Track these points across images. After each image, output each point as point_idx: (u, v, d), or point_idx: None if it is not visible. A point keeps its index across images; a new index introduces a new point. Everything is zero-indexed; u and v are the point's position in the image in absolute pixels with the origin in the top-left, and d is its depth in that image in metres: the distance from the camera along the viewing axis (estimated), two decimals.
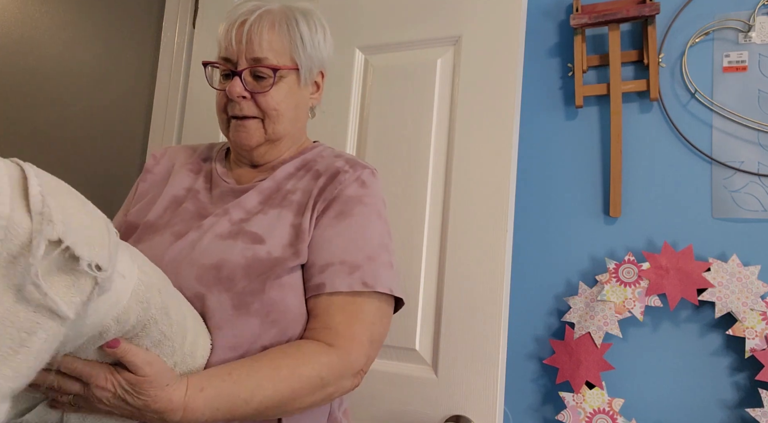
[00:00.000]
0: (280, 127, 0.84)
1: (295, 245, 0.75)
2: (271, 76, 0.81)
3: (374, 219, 0.79)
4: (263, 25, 0.82)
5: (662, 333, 1.08)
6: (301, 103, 0.87)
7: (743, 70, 1.09)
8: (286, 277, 0.74)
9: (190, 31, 1.50)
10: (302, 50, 0.84)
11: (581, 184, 1.18)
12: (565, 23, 1.24)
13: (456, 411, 1.01)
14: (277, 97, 0.82)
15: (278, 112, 0.83)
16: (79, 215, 0.48)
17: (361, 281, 0.73)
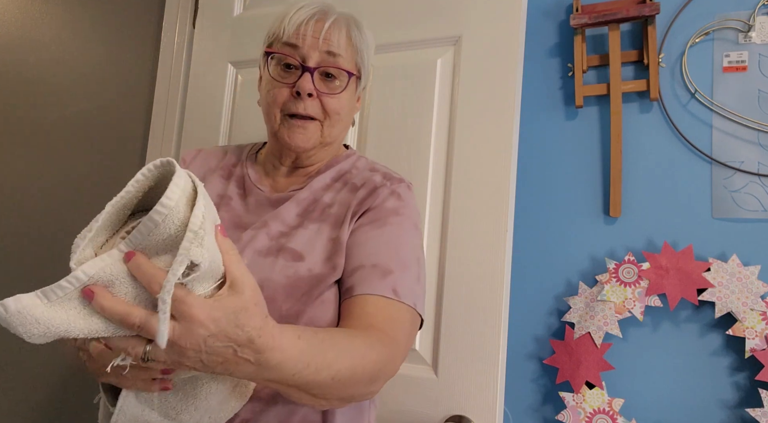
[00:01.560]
0: (336, 132, 0.83)
1: (333, 260, 0.74)
2: (344, 78, 0.80)
3: (410, 229, 0.78)
4: (342, 26, 0.81)
5: (662, 333, 1.08)
6: (352, 112, 0.87)
7: (743, 70, 1.09)
8: (328, 294, 0.73)
9: (190, 31, 1.50)
10: (365, 58, 0.85)
11: (581, 184, 1.18)
12: (565, 23, 1.24)
13: (456, 411, 1.01)
14: (341, 102, 0.81)
15: (340, 117, 0.82)
16: (214, 247, 0.49)
17: (392, 288, 0.71)
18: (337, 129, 0.83)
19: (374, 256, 0.73)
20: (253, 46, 1.34)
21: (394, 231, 0.76)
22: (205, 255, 0.47)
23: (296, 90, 0.78)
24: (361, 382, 0.62)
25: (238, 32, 1.37)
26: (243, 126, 1.33)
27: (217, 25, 1.41)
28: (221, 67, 1.38)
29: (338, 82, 0.81)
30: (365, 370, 0.61)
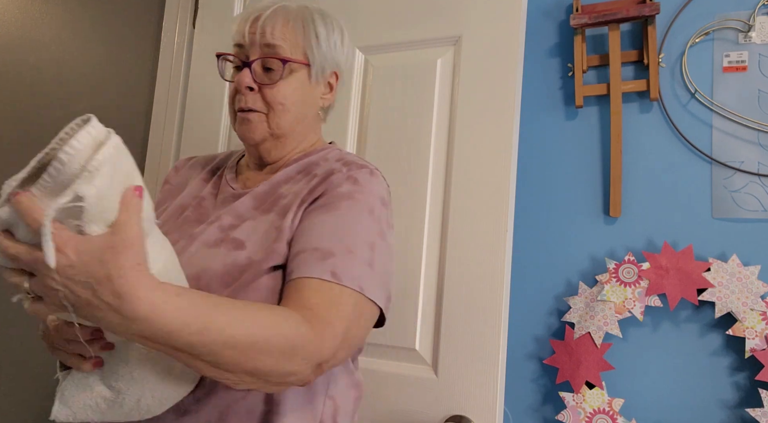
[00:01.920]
0: (285, 123, 0.82)
1: (271, 246, 0.72)
2: (280, 68, 0.80)
3: (362, 214, 0.74)
4: (278, 18, 0.81)
5: (662, 333, 1.08)
6: (310, 102, 0.85)
7: (743, 70, 1.09)
8: (264, 279, 0.71)
9: (190, 31, 1.50)
10: (316, 47, 0.83)
11: (581, 184, 1.18)
12: (565, 23, 1.24)
13: (456, 411, 1.01)
14: (284, 91, 0.81)
15: (284, 107, 0.81)
16: (111, 194, 0.51)
17: (330, 270, 0.67)
18: (286, 120, 0.82)
19: (317, 240, 0.70)
20: None
21: (343, 215, 0.73)
22: (92, 191, 0.48)
23: (236, 85, 0.81)
24: (267, 354, 0.58)
25: None
26: None
27: (217, 25, 1.41)
28: None
29: (276, 73, 0.81)
30: (271, 342, 0.58)
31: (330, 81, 0.88)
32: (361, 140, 1.20)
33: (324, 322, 0.64)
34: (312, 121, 0.88)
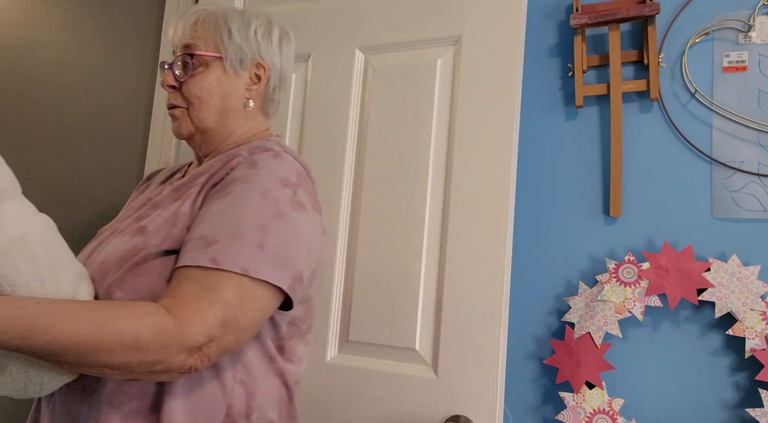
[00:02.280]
0: (206, 116, 0.85)
1: (165, 231, 0.73)
2: (190, 62, 0.85)
3: (254, 197, 0.72)
4: (191, 19, 0.87)
5: (662, 333, 1.08)
6: (232, 93, 0.87)
7: (743, 70, 1.09)
8: (156, 263, 0.72)
9: None
10: (228, 40, 0.86)
11: (581, 184, 1.18)
12: (565, 23, 1.24)
13: (456, 411, 1.01)
14: (199, 85, 0.85)
15: (200, 100, 0.85)
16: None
17: (211, 257, 0.67)
18: (207, 113, 0.85)
19: (204, 228, 0.71)
20: None
21: (233, 199, 0.72)
22: None
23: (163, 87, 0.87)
24: (111, 348, 0.60)
25: None
26: None
27: None
28: None
29: (188, 68, 0.86)
30: (105, 338, 0.60)
31: (256, 72, 0.89)
32: (361, 140, 1.20)
33: (189, 310, 0.64)
34: (239, 113, 0.89)
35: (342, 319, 1.15)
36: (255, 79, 0.89)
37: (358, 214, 1.17)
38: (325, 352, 1.14)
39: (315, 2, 1.30)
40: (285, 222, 0.73)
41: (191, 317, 0.64)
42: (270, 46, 0.90)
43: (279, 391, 0.80)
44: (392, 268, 1.11)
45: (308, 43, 1.28)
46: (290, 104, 1.28)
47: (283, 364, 0.81)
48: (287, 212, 0.74)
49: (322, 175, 1.21)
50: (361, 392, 1.09)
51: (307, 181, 0.80)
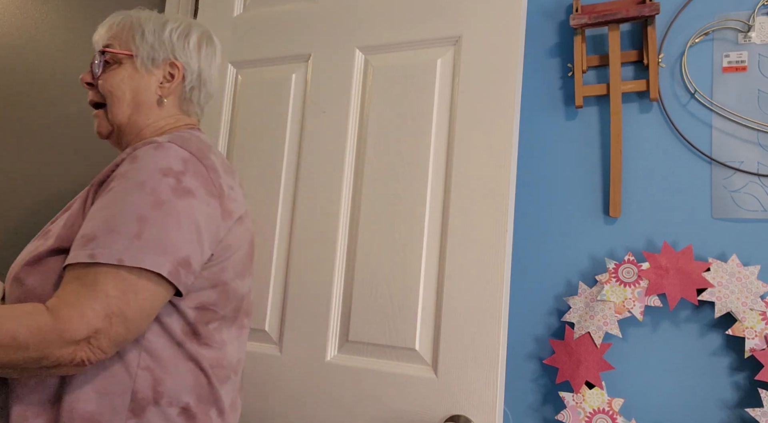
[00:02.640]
0: (118, 112, 0.90)
1: (61, 231, 0.77)
2: (102, 60, 0.90)
3: (131, 191, 0.74)
4: (108, 22, 0.93)
5: (662, 333, 1.08)
6: (143, 90, 0.92)
7: (743, 70, 1.10)
8: (50, 263, 0.76)
9: None
10: (140, 38, 0.91)
11: (581, 184, 1.18)
12: (564, 23, 1.24)
13: (456, 411, 1.02)
14: (110, 81, 0.89)
15: (112, 95, 0.89)
16: None
17: (89, 253, 0.70)
18: (120, 108, 0.90)
19: (86, 227, 0.73)
20: (253, 46, 1.35)
21: (112, 195, 0.75)
22: None
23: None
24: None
25: (238, 32, 1.38)
26: (243, 126, 1.33)
27: (217, 25, 1.41)
28: (221, 67, 1.38)
29: (101, 65, 0.91)
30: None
31: (170, 71, 0.94)
32: (361, 140, 1.20)
33: (68, 306, 0.68)
34: (152, 109, 0.93)
35: (342, 319, 1.15)
36: (169, 77, 0.94)
37: (358, 214, 1.17)
38: (325, 352, 1.14)
39: (315, 2, 1.30)
40: (165, 210, 0.74)
41: (69, 313, 0.68)
42: (186, 47, 0.95)
43: (194, 376, 0.81)
44: (392, 268, 1.11)
45: (308, 43, 1.28)
46: (290, 104, 1.28)
47: (197, 349, 0.82)
48: (168, 200, 0.75)
49: (322, 175, 1.21)
50: (361, 392, 1.09)
51: (198, 167, 0.80)
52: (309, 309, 1.17)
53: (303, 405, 1.13)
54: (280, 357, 1.18)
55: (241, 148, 1.32)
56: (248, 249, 0.90)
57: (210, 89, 1.00)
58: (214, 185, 0.81)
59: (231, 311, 0.87)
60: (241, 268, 0.88)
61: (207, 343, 0.83)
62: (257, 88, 1.33)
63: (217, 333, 0.85)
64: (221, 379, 0.85)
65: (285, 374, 1.16)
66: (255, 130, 1.31)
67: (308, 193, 1.22)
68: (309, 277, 1.18)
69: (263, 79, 1.33)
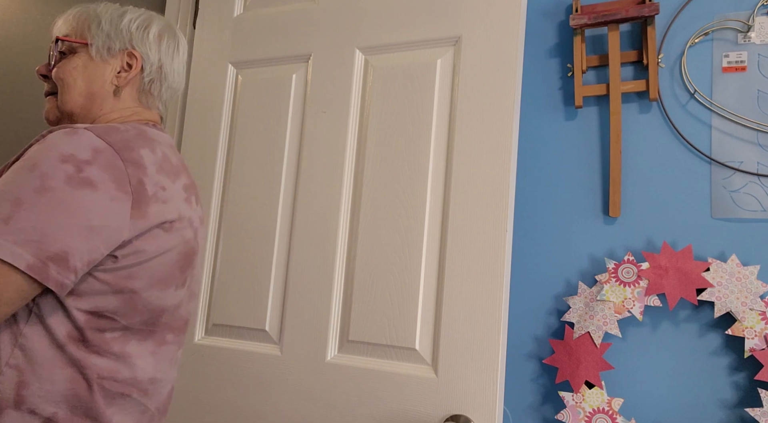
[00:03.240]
0: (68, 99, 0.89)
1: None
2: (55, 48, 0.90)
3: (21, 172, 0.70)
4: (66, 14, 0.93)
5: (662, 333, 1.08)
6: (96, 79, 0.90)
7: (742, 70, 1.10)
8: None
9: (190, 31, 1.51)
10: (96, 27, 0.90)
11: (581, 184, 1.18)
12: (564, 24, 1.24)
13: (456, 410, 1.02)
14: (63, 69, 0.89)
15: (64, 83, 0.89)
16: None
17: None
18: (70, 96, 0.89)
19: None
20: (253, 47, 1.35)
21: (5, 177, 0.71)
22: None
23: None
24: None
25: (238, 32, 1.38)
26: (243, 126, 1.33)
27: (217, 25, 1.41)
28: (221, 67, 1.38)
29: (55, 54, 0.91)
30: None
31: (128, 61, 0.92)
32: (361, 140, 1.20)
33: None
34: (107, 99, 0.91)
35: (342, 318, 1.15)
36: (126, 67, 0.92)
37: (358, 214, 1.17)
38: (325, 352, 1.14)
39: (315, 2, 1.30)
40: (48, 198, 0.69)
41: None
42: (144, 38, 0.93)
43: (71, 384, 0.74)
44: (392, 268, 1.11)
45: (308, 43, 1.28)
46: (290, 104, 1.28)
47: (83, 356, 0.75)
48: (56, 188, 0.69)
49: (322, 175, 1.21)
50: (361, 392, 1.09)
51: (112, 159, 0.75)
52: (309, 309, 1.17)
53: (303, 405, 1.13)
54: (280, 357, 1.18)
55: (241, 148, 1.32)
56: (178, 258, 0.82)
57: (172, 83, 0.97)
58: (129, 181, 0.75)
59: (140, 323, 0.80)
60: (161, 277, 0.80)
61: (98, 351, 0.76)
62: (257, 88, 1.33)
63: (116, 343, 0.77)
64: (110, 394, 0.77)
65: (285, 374, 1.16)
66: (255, 130, 1.31)
67: (308, 193, 1.22)
68: (309, 277, 1.18)
69: (263, 79, 1.33)
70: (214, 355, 1.24)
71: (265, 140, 1.29)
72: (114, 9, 0.94)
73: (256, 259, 1.25)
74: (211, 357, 1.24)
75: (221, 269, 1.28)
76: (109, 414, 0.77)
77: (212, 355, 1.24)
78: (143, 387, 0.81)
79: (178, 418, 1.25)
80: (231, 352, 1.22)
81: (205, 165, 1.35)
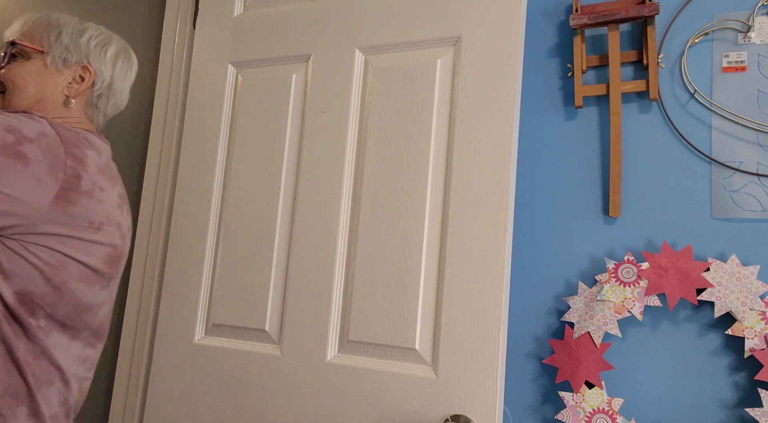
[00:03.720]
0: (16, 100, 0.91)
1: None
2: (9, 51, 0.92)
3: None
4: (25, 18, 0.95)
5: (661, 333, 1.08)
6: (48, 86, 0.93)
7: (742, 70, 1.10)
8: None
9: (190, 31, 1.51)
10: (55, 38, 0.93)
11: (581, 184, 1.18)
12: (564, 24, 1.24)
13: (456, 410, 1.02)
14: (14, 71, 0.91)
15: (14, 85, 0.91)
16: None
17: None
18: (19, 98, 0.92)
19: None
20: (253, 47, 1.35)
21: None
22: None
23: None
24: None
25: (238, 32, 1.38)
26: (243, 126, 1.33)
27: (217, 25, 1.41)
28: (221, 68, 1.38)
29: (7, 57, 0.93)
30: None
31: (81, 74, 0.96)
32: (361, 140, 1.20)
33: None
34: (57, 107, 0.95)
35: (342, 318, 1.15)
36: (78, 80, 0.96)
37: (358, 214, 1.17)
38: (325, 351, 1.14)
39: (315, 2, 1.30)
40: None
41: None
42: (101, 55, 0.97)
43: (2, 362, 0.76)
44: (392, 268, 1.11)
45: (308, 43, 1.28)
46: (290, 104, 1.28)
47: (12, 336, 0.76)
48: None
49: (322, 175, 1.21)
50: (361, 392, 1.09)
51: (55, 147, 0.78)
52: (309, 309, 1.17)
53: (303, 405, 1.13)
54: (280, 357, 1.18)
55: (241, 148, 1.32)
56: (106, 259, 0.85)
57: (119, 101, 1.01)
58: (65, 171, 0.77)
59: (66, 318, 0.81)
60: (89, 274, 0.82)
61: (27, 335, 0.77)
62: (257, 88, 1.33)
63: (43, 332, 0.79)
64: (41, 380, 0.78)
65: (285, 374, 1.16)
66: (255, 130, 1.31)
67: (308, 193, 1.22)
68: (309, 277, 1.18)
69: (263, 79, 1.33)
70: (213, 355, 1.24)
71: (265, 140, 1.29)
72: (76, 23, 0.96)
73: (256, 259, 1.25)
74: (211, 357, 1.24)
75: (221, 269, 1.28)
76: (40, 401, 0.78)
77: (212, 355, 1.24)
78: (65, 379, 0.83)
79: (178, 418, 1.25)
80: (231, 352, 1.22)
81: (205, 165, 1.35)
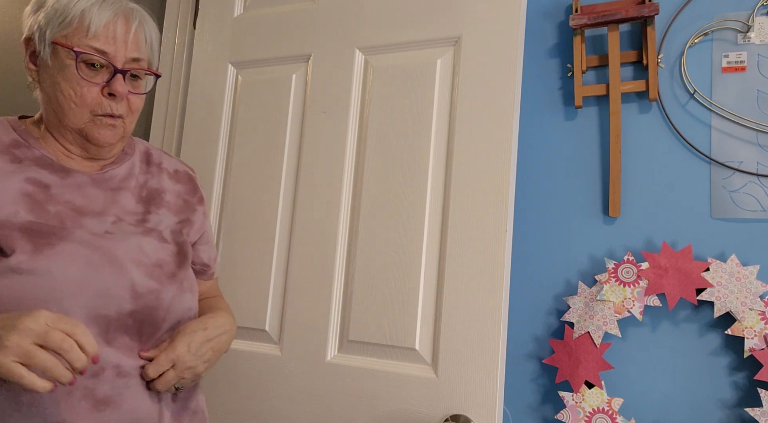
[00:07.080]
0: (132, 126, 0.90)
1: (180, 238, 0.91)
2: (151, 79, 0.89)
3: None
4: (143, 28, 0.86)
5: (661, 333, 1.08)
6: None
7: (742, 70, 1.10)
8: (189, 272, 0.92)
9: (190, 31, 1.51)
10: (157, 57, 0.92)
11: (581, 184, 1.18)
12: (564, 24, 1.24)
13: (456, 410, 1.02)
14: (144, 99, 0.89)
15: (138, 113, 0.90)
16: None
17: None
18: (134, 123, 0.91)
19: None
20: (253, 47, 1.35)
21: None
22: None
23: (109, 91, 0.82)
24: None
25: (238, 33, 1.38)
26: (243, 126, 1.33)
27: (217, 25, 1.41)
28: (221, 68, 1.38)
29: (143, 82, 0.88)
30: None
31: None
32: (361, 140, 1.20)
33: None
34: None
35: (342, 318, 1.15)
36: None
37: (358, 214, 1.17)
38: (325, 351, 1.14)
39: (315, 2, 1.30)
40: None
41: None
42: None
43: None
44: (392, 268, 1.11)
45: (308, 43, 1.28)
46: (290, 104, 1.28)
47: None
48: None
49: (322, 175, 1.21)
50: (361, 392, 1.09)
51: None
52: (309, 309, 1.17)
53: (303, 405, 1.13)
54: (280, 357, 1.18)
55: (242, 148, 1.32)
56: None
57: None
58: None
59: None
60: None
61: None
62: (257, 89, 1.33)
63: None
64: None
65: (285, 374, 1.16)
66: (255, 130, 1.31)
67: (308, 193, 1.22)
68: (309, 277, 1.18)
69: (263, 80, 1.33)
70: None
71: (265, 140, 1.29)
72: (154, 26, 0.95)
73: (255, 259, 1.25)
74: None
75: (221, 269, 1.28)
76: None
77: None
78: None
79: None
80: (231, 352, 1.22)
81: (205, 165, 1.35)
